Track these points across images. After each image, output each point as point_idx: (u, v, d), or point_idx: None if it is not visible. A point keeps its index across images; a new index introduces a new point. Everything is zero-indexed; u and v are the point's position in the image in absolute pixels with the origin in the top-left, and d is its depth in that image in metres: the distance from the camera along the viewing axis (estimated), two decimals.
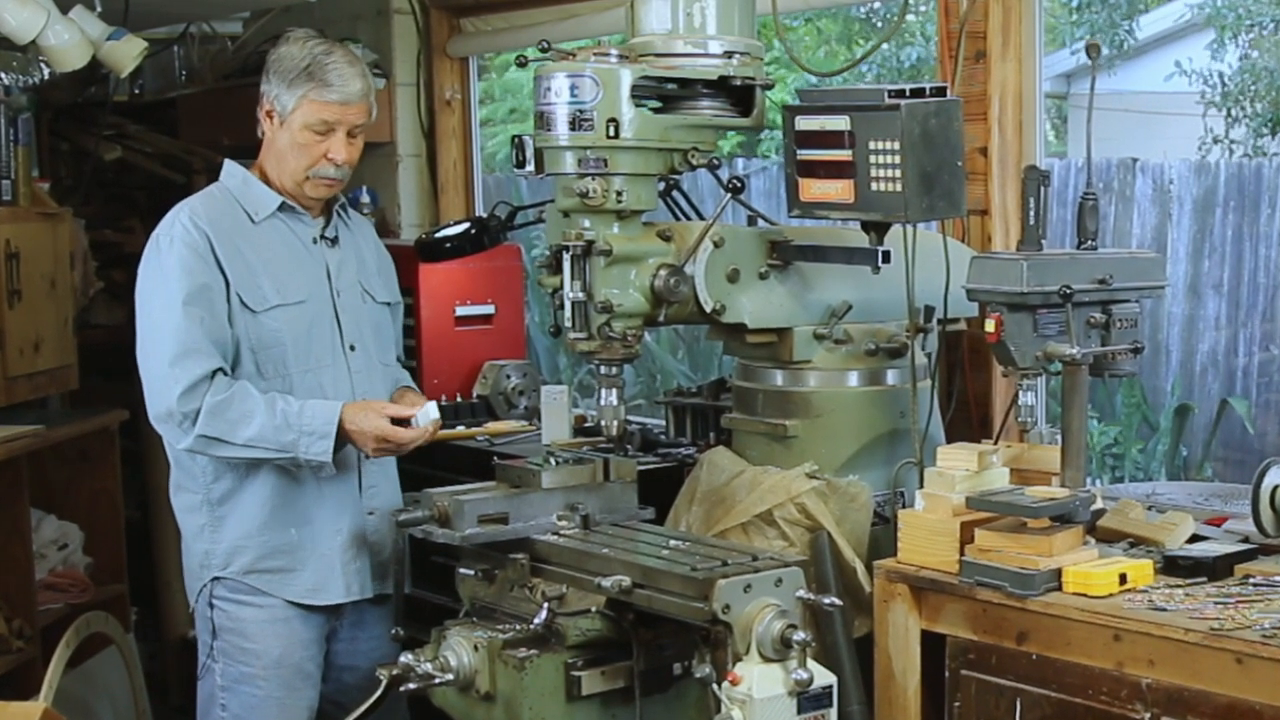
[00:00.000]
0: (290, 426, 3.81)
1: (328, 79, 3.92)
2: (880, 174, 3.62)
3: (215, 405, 3.79)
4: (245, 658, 4.01)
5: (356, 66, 3.99)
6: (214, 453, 3.86)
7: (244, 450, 3.83)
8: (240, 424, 3.80)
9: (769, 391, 3.97)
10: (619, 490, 3.76)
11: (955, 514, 3.44)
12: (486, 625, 3.48)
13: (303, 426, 3.81)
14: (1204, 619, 3.04)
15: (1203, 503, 3.83)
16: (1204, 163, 9.74)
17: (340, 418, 3.82)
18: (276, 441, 3.81)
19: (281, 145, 3.98)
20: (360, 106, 3.97)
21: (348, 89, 3.94)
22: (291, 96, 3.93)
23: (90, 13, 5.28)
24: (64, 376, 5.54)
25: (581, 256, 3.65)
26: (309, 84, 3.91)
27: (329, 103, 3.92)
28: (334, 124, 3.94)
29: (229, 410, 3.80)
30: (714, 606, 3.09)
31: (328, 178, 3.98)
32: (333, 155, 3.95)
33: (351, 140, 3.99)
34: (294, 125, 3.94)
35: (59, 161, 6.99)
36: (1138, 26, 12.40)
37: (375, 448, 3.87)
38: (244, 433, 3.80)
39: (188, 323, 3.81)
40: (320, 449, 3.81)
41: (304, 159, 3.96)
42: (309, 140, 3.94)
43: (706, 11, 3.70)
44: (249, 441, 3.81)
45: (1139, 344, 3.64)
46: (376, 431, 3.83)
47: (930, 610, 3.47)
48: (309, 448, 3.81)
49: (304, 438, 3.81)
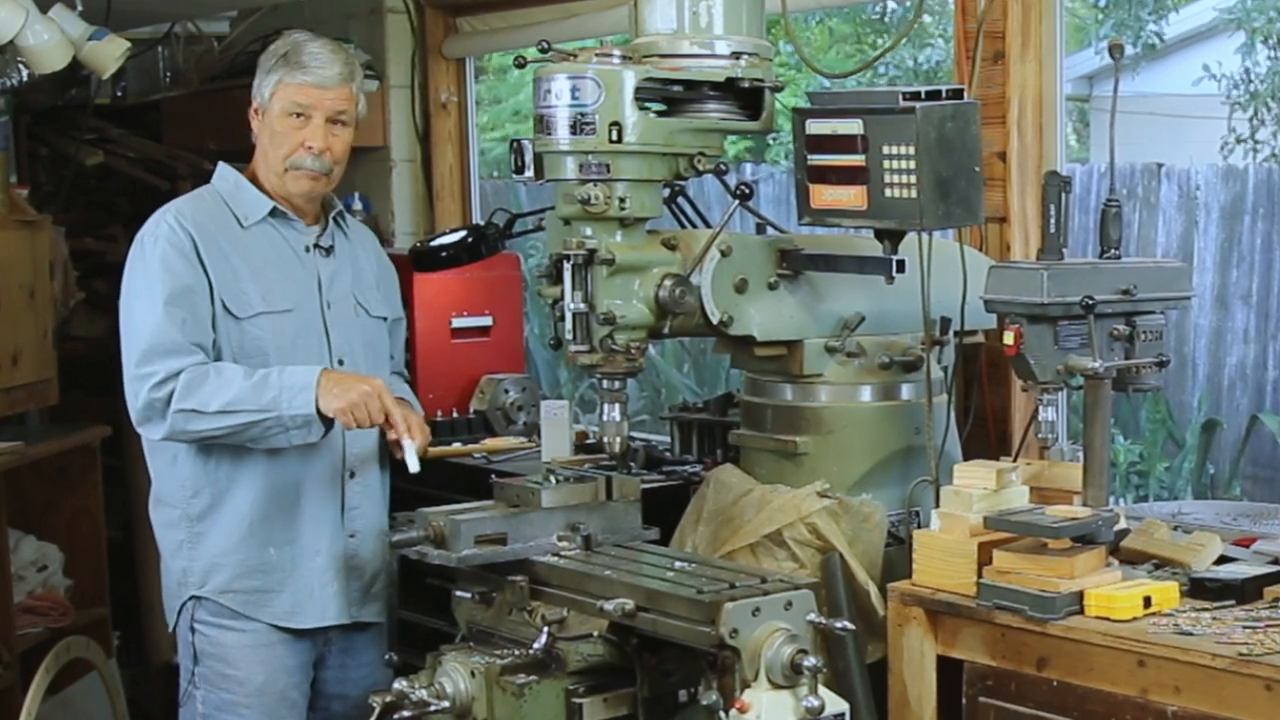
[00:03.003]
0: (270, 384, 3.78)
1: (303, 61, 3.92)
2: (894, 180, 3.62)
3: (189, 380, 3.79)
4: (227, 684, 4.01)
5: (339, 54, 3.99)
6: (193, 428, 3.81)
7: (222, 418, 3.78)
8: (217, 392, 3.78)
9: (778, 407, 3.97)
10: (622, 510, 3.76)
11: (973, 534, 3.44)
12: (484, 650, 3.48)
13: (283, 383, 3.78)
14: (1232, 644, 3.04)
15: (1231, 523, 3.83)
16: (1231, 168, 9.75)
17: (320, 373, 3.80)
18: (256, 402, 3.77)
19: (264, 140, 3.99)
20: (339, 91, 3.96)
21: (324, 72, 3.93)
22: (269, 83, 3.95)
23: (71, 12, 5.29)
24: (43, 391, 5.54)
25: (583, 266, 3.65)
26: (284, 68, 3.93)
27: (303, 85, 3.92)
28: (309, 109, 3.93)
29: (204, 383, 3.79)
30: (721, 631, 3.09)
31: (305, 168, 3.96)
32: (310, 143, 3.94)
33: (333, 130, 3.97)
34: (272, 113, 3.95)
35: (38, 167, 7.01)
36: (1166, 25, 12.40)
37: (356, 398, 3.78)
38: (221, 398, 3.77)
39: (168, 322, 3.82)
40: (303, 401, 3.76)
41: (282, 148, 3.95)
42: (286, 128, 3.94)
43: (713, 10, 3.71)
44: (226, 406, 3.77)
45: (1164, 357, 3.64)
46: (364, 384, 3.81)
47: (946, 634, 3.48)
48: (291, 401, 3.77)
49: (285, 392, 3.77)
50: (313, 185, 4.01)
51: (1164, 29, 12.37)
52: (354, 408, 3.79)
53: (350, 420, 3.80)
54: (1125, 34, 11.74)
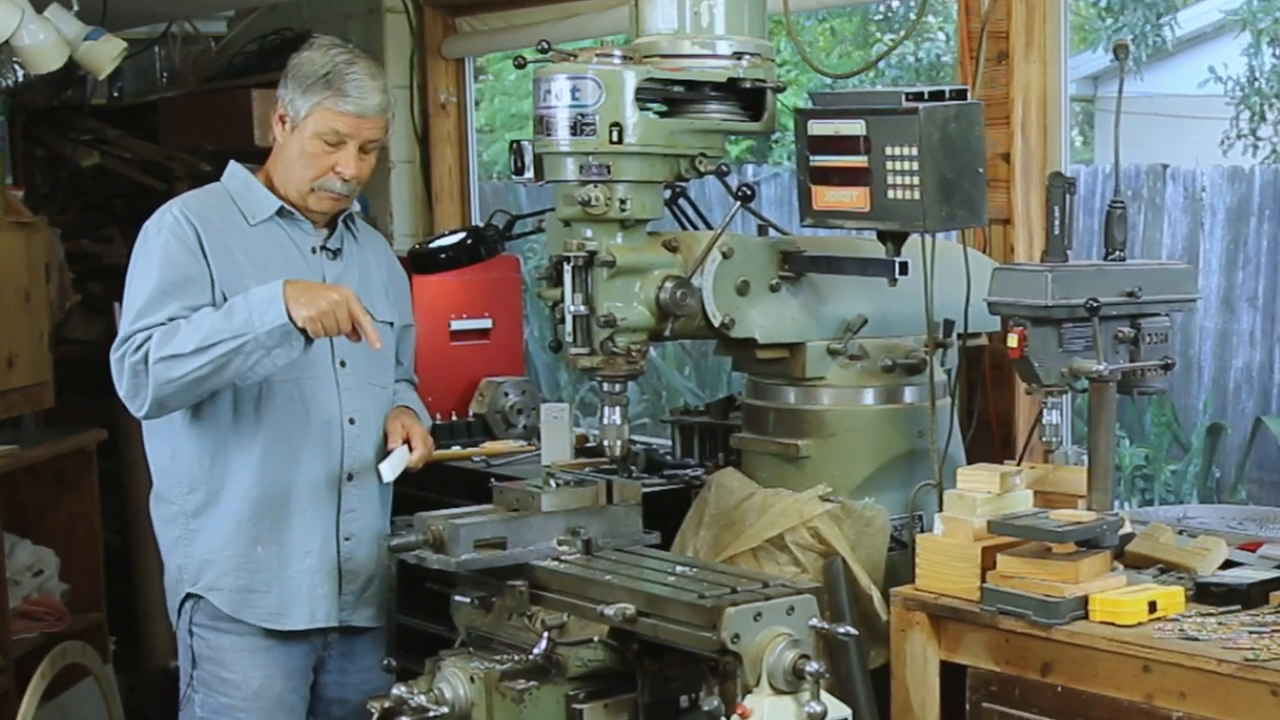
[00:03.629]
0: (237, 309, 3.76)
1: (345, 89, 3.94)
2: (897, 181, 3.62)
3: (164, 332, 3.79)
4: (225, 688, 4.02)
5: (379, 81, 4.01)
6: (175, 374, 3.78)
7: (200, 356, 3.76)
8: (191, 333, 3.77)
9: (780, 410, 3.97)
10: (623, 514, 3.76)
11: (976, 539, 3.44)
12: (483, 656, 3.48)
13: (251, 303, 3.76)
14: (1238, 649, 3.04)
15: (1237, 527, 3.83)
16: (1238, 170, 9.75)
17: (284, 284, 3.77)
18: (229, 329, 3.74)
19: (291, 153, 4.00)
20: (376, 121, 3.99)
21: (365, 101, 3.96)
22: (306, 103, 3.95)
23: (67, 11, 5.30)
24: (39, 394, 5.55)
25: (583, 268, 3.66)
26: (325, 91, 3.94)
27: (343, 113, 3.94)
28: (346, 136, 3.96)
29: (177, 331, 3.79)
30: (723, 636, 3.08)
31: (333, 192, 4.00)
32: (341, 169, 3.97)
33: (363, 156, 4.01)
34: (305, 133, 3.96)
35: (34, 168, 7.01)
36: (1176, 24, 12.39)
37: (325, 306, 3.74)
38: (195, 337, 3.76)
39: (155, 308, 3.84)
40: (274, 313, 3.73)
41: (311, 169, 3.98)
42: (318, 150, 3.96)
43: (714, 10, 3.71)
44: (201, 342, 3.75)
45: (1169, 360, 3.64)
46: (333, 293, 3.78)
47: (950, 640, 3.47)
48: (262, 317, 3.73)
49: (255, 312, 3.74)
50: (335, 205, 4.06)
51: (1175, 26, 12.37)
52: (323, 316, 3.76)
53: (319, 328, 3.76)
54: (1135, 35, 11.73)
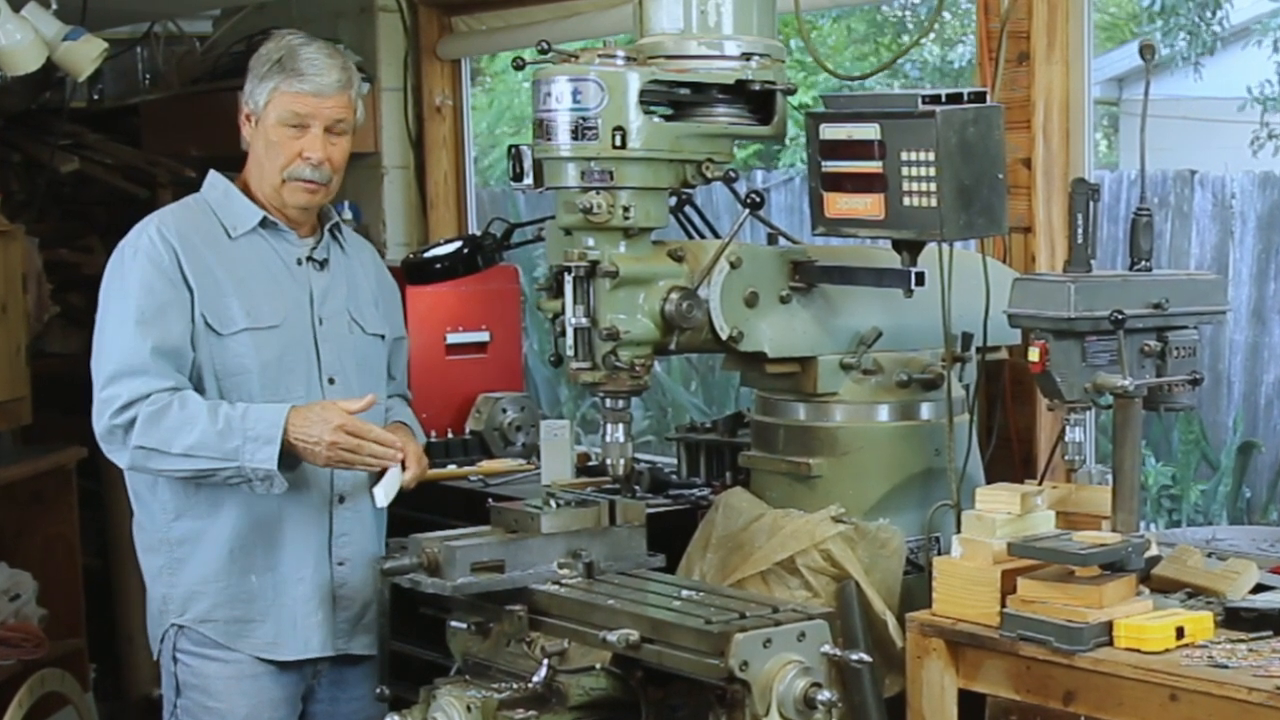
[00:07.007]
0: (234, 431, 3.79)
1: (300, 68, 3.95)
2: (913, 188, 3.63)
3: (152, 414, 3.81)
4: (210, 718, 4.02)
5: (336, 59, 4.01)
6: (154, 465, 3.86)
7: (184, 461, 3.81)
8: (179, 432, 3.80)
9: (791, 427, 3.98)
10: (626, 535, 3.76)
11: (996, 561, 3.44)
12: (480, 684, 3.48)
13: (247, 431, 3.79)
14: (1269, 676, 3.04)
15: (1268, 549, 3.83)
16: (1269, 175, 9.75)
17: (286, 421, 3.80)
18: (220, 449, 3.79)
19: (259, 148, 4.01)
20: (337, 99, 3.99)
21: (322, 79, 3.96)
22: (263, 91, 3.97)
23: (45, 10, 5.31)
24: (15, 411, 5.55)
25: (585, 278, 3.66)
26: (280, 75, 3.95)
27: (300, 93, 3.95)
28: (308, 118, 3.96)
29: (165, 418, 3.81)
30: (731, 663, 3.09)
31: (304, 179, 3.98)
32: (308, 153, 3.96)
33: (332, 139, 4.00)
34: (268, 122, 3.97)
35: (10, 174, 7.03)
36: (1228, 16, 12.34)
37: (333, 441, 3.81)
38: (183, 441, 3.80)
39: (137, 344, 3.85)
40: (265, 455, 3.78)
41: (279, 158, 3.97)
42: (282, 138, 3.96)
43: (722, 9, 3.72)
44: (189, 450, 3.80)
45: (1198, 375, 3.64)
46: (334, 421, 3.81)
47: (968, 667, 3.48)
48: (253, 454, 3.78)
49: (249, 444, 3.78)
50: (311, 197, 4.03)
51: (1227, 18, 12.32)
52: (331, 464, 3.88)
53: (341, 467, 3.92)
54: (1190, 31, 11.72)
